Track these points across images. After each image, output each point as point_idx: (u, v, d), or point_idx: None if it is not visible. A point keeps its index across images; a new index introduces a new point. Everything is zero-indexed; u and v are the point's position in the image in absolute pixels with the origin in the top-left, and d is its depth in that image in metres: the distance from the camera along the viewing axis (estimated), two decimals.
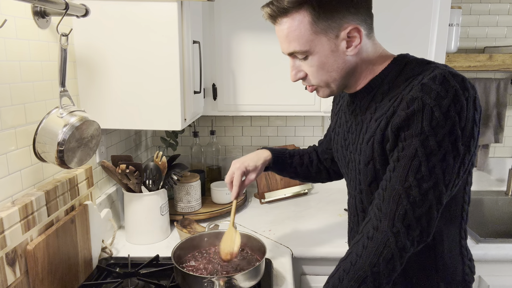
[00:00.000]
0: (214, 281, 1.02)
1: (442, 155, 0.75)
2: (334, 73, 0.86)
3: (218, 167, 1.97)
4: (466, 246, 0.95)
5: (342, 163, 1.05)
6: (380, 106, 0.86)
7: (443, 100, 0.74)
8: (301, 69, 0.89)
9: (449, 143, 0.74)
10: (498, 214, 1.97)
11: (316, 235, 1.51)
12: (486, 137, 1.96)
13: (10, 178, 0.96)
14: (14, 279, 0.90)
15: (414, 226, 0.76)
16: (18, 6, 0.97)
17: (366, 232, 0.81)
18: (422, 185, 0.75)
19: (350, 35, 0.83)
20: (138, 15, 1.21)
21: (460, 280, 0.92)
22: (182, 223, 1.49)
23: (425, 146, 0.75)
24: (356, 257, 0.80)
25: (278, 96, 1.65)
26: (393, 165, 0.79)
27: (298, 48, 0.84)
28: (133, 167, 1.35)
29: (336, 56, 0.84)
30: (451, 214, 0.88)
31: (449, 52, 1.82)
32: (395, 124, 0.78)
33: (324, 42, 0.83)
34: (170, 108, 1.27)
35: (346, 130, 0.99)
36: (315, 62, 0.85)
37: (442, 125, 0.74)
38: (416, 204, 0.76)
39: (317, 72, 0.86)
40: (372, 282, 0.77)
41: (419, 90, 0.76)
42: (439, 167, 0.75)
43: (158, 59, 1.24)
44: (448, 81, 0.75)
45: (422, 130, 0.75)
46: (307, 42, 0.83)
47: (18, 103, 0.98)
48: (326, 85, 0.89)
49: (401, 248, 0.76)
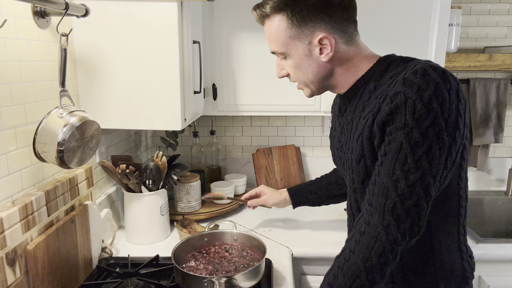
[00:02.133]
0: (214, 281, 1.02)
1: (427, 147, 0.76)
2: (310, 75, 0.93)
3: (218, 167, 1.97)
4: (466, 242, 0.94)
5: (339, 166, 1.06)
6: (368, 104, 0.88)
7: (424, 92, 0.76)
8: (284, 67, 0.96)
9: (433, 135, 0.76)
10: (498, 214, 1.97)
11: (316, 235, 1.51)
12: (486, 137, 1.96)
13: (10, 178, 0.96)
14: (14, 279, 0.90)
15: (404, 219, 0.76)
16: (18, 6, 0.97)
17: (358, 227, 0.82)
18: (409, 177, 0.76)
19: (322, 43, 0.88)
20: (138, 15, 1.21)
21: (460, 277, 0.92)
22: (182, 223, 1.49)
23: (409, 138, 0.76)
24: (349, 253, 0.81)
25: (278, 96, 1.65)
26: (381, 160, 0.81)
27: (276, 49, 0.92)
28: (133, 167, 1.35)
29: (310, 60, 0.91)
30: (446, 210, 0.89)
31: (449, 52, 1.82)
32: (380, 120, 0.81)
33: (299, 47, 0.90)
34: (170, 108, 1.27)
35: (340, 132, 1.02)
36: (292, 63, 0.93)
37: (425, 117, 0.75)
38: (404, 196, 0.76)
39: (295, 72, 0.94)
40: (365, 276, 0.77)
41: (401, 84, 0.78)
42: (425, 159, 0.76)
43: (158, 59, 1.24)
44: (428, 74, 0.77)
45: (405, 123, 0.77)
46: (283, 44, 0.91)
47: (18, 103, 0.98)
48: (306, 85, 0.96)
49: (392, 241, 0.77)
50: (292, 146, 2.02)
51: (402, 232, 0.77)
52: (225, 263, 1.18)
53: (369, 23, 1.56)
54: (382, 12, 1.56)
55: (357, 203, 0.96)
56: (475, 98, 1.94)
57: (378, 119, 0.81)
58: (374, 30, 1.57)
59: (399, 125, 0.77)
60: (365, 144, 0.86)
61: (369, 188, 0.83)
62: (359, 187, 0.92)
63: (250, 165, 2.05)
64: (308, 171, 2.07)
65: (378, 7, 1.56)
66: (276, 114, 1.71)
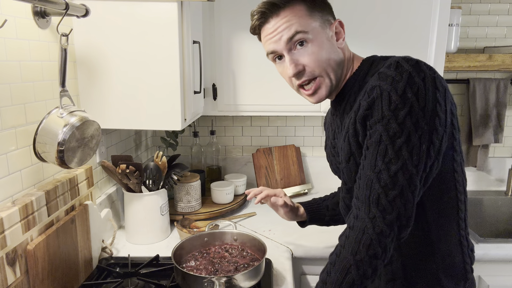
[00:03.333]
0: (214, 281, 1.02)
1: (406, 137, 0.76)
2: (332, 62, 0.90)
3: (218, 167, 1.97)
4: (466, 236, 0.94)
5: (337, 172, 1.07)
6: (354, 105, 0.90)
7: (398, 83, 0.77)
8: (300, 62, 0.90)
9: (411, 124, 0.76)
10: (498, 214, 1.97)
11: (316, 235, 1.51)
12: (486, 137, 1.96)
13: (10, 178, 0.96)
14: (14, 279, 0.90)
15: (389, 210, 0.76)
16: (18, 6, 0.97)
17: (348, 223, 0.83)
18: (391, 168, 0.77)
19: (337, 30, 0.92)
20: (138, 15, 1.21)
21: (461, 271, 0.92)
22: (182, 223, 1.49)
23: (388, 129, 0.77)
24: (340, 248, 0.81)
25: (278, 96, 1.65)
26: (364, 154, 0.82)
27: (299, 28, 0.87)
28: (133, 167, 1.35)
29: (331, 45, 0.90)
30: (444, 205, 0.88)
31: (449, 52, 1.82)
32: (360, 115, 0.82)
33: (320, 31, 0.89)
34: (170, 108, 1.27)
35: (332, 137, 1.03)
36: (315, 49, 0.88)
37: (401, 108, 0.76)
38: (388, 187, 0.77)
39: (317, 59, 0.89)
40: (356, 270, 0.77)
41: (376, 79, 0.80)
42: (405, 149, 0.76)
43: (158, 59, 1.24)
44: (401, 66, 0.78)
45: (383, 115, 0.78)
46: (307, 24, 0.88)
47: (18, 103, 0.98)
48: (326, 74, 0.91)
49: (378, 233, 0.76)
50: (292, 146, 2.02)
51: (388, 223, 0.76)
52: (225, 263, 1.18)
53: (368, 23, 1.57)
54: (382, 13, 1.56)
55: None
56: (475, 98, 1.94)
57: (358, 115, 0.83)
58: (374, 30, 1.57)
59: (377, 118, 0.79)
60: (351, 142, 0.87)
61: (356, 183, 0.84)
62: (351, 187, 0.93)
63: (250, 165, 2.05)
64: (308, 171, 2.07)
65: (378, 7, 1.56)
66: (276, 114, 1.71)
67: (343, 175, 0.95)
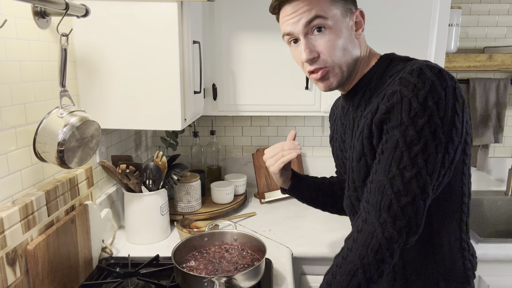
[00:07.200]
0: (214, 281, 1.02)
1: (423, 145, 0.76)
2: (347, 53, 0.88)
3: (218, 167, 1.97)
4: (468, 240, 0.94)
5: (342, 167, 1.06)
6: (369, 103, 0.89)
7: (420, 91, 0.76)
8: (315, 49, 0.87)
9: (429, 133, 0.76)
10: (498, 214, 1.97)
11: (316, 235, 1.51)
12: (486, 137, 1.96)
13: (10, 178, 0.96)
14: (14, 279, 0.90)
15: (400, 216, 0.76)
16: (18, 6, 0.97)
17: (356, 226, 0.82)
18: (405, 175, 0.76)
19: (357, 19, 0.89)
20: (138, 15, 1.21)
21: (461, 276, 0.91)
22: (182, 223, 1.49)
23: (405, 136, 0.77)
24: (347, 251, 0.81)
25: (278, 96, 1.65)
26: (378, 158, 0.81)
27: (320, 12, 0.85)
28: (133, 167, 1.35)
29: (349, 35, 0.88)
30: (450, 207, 0.88)
31: (449, 52, 1.82)
32: (377, 119, 0.81)
33: (340, 19, 0.87)
34: (170, 108, 1.27)
35: (343, 132, 1.01)
36: (332, 36, 0.86)
37: (421, 115, 0.76)
38: (400, 194, 0.76)
39: (333, 47, 0.86)
40: (362, 274, 0.77)
41: (397, 84, 0.79)
42: (421, 157, 0.76)
43: (158, 59, 1.24)
44: (424, 73, 0.77)
45: (401, 121, 0.77)
46: (328, 10, 0.86)
47: (18, 103, 0.98)
48: (338, 66, 0.88)
49: (388, 238, 0.76)
50: None
51: (398, 229, 0.76)
52: (225, 263, 1.18)
53: (368, 23, 1.56)
54: (382, 12, 1.56)
55: (359, 202, 0.96)
56: (475, 98, 1.94)
57: (376, 118, 0.82)
58: (373, 30, 1.57)
59: (395, 123, 0.78)
60: (365, 143, 0.86)
61: (367, 186, 0.83)
62: (360, 186, 0.92)
63: (250, 165, 2.05)
64: (308, 171, 2.07)
65: (378, 7, 1.56)
66: (276, 114, 1.71)
67: (352, 173, 0.94)
